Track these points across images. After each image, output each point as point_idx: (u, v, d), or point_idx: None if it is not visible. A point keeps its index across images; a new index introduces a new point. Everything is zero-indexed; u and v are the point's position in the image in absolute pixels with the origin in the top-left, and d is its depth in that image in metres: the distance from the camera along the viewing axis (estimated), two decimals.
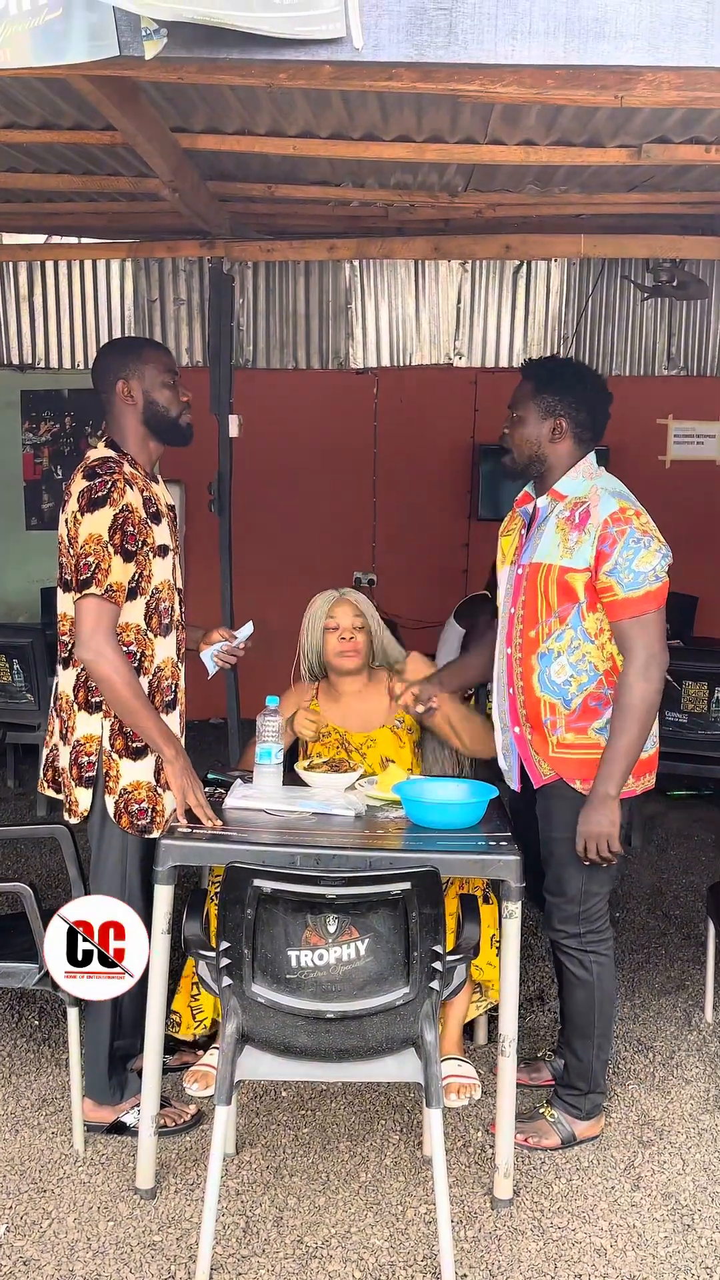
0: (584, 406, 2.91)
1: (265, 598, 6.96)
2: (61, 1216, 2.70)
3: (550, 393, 2.90)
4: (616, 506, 2.77)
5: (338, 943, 2.38)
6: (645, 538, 2.75)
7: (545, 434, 2.90)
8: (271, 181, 3.82)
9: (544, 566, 2.83)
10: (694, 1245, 2.64)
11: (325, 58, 1.79)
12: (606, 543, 2.74)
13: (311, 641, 3.45)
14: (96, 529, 2.73)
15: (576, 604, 2.80)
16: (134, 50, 1.75)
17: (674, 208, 3.97)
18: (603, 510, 2.77)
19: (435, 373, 5.04)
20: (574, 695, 2.83)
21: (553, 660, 2.84)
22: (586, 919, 2.91)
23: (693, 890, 4.77)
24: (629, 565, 2.72)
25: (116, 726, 2.83)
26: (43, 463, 7.43)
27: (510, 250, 4.42)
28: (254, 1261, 2.55)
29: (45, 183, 3.74)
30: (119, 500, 2.76)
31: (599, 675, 2.82)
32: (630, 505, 2.80)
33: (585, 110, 2.81)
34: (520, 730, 2.95)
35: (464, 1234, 2.66)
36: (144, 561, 2.83)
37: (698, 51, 1.79)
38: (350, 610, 3.41)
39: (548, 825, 2.90)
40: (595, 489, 2.84)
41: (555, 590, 2.82)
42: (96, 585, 2.72)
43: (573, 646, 2.82)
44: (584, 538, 2.77)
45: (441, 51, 1.79)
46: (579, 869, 2.85)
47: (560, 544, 2.82)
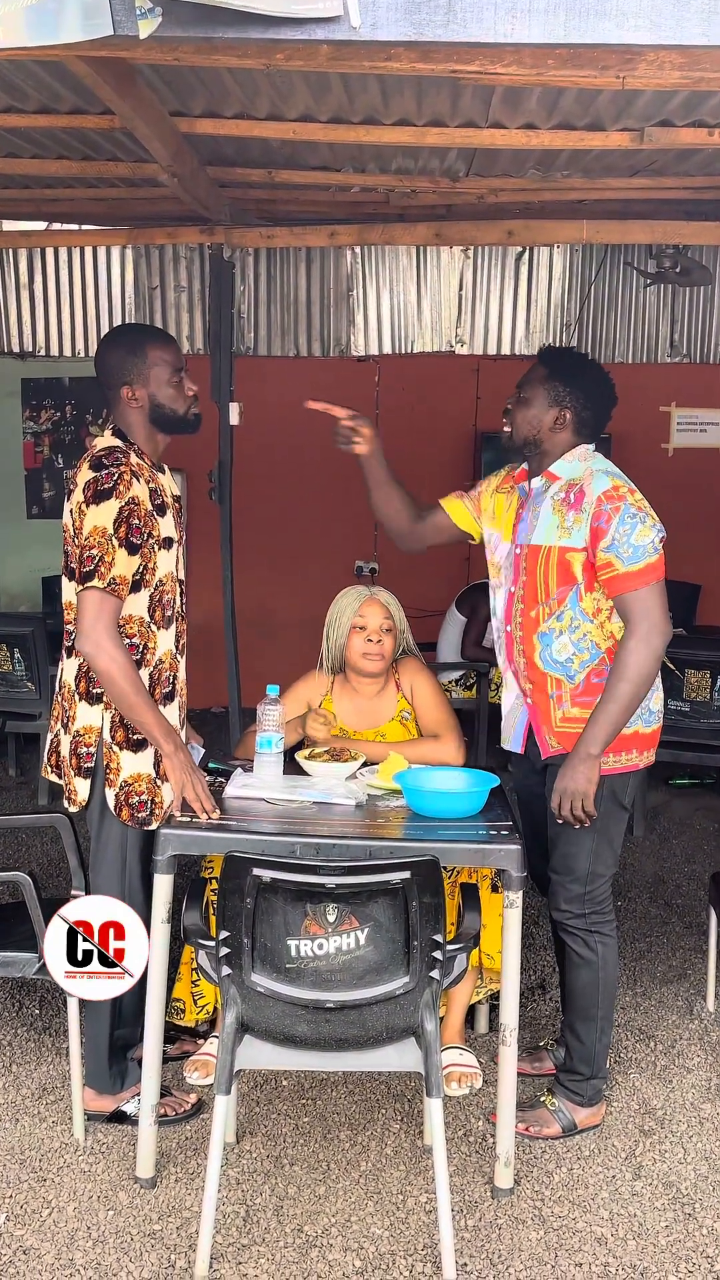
0: (590, 404, 2.94)
1: (267, 586, 6.98)
2: (62, 1205, 2.70)
3: (561, 382, 2.93)
4: (609, 484, 2.81)
5: (337, 932, 2.37)
6: (640, 513, 2.79)
7: (548, 421, 2.93)
8: (271, 167, 3.79)
9: (544, 549, 2.87)
10: (695, 1234, 2.64)
11: (322, 37, 1.77)
12: (601, 519, 2.78)
13: (336, 637, 3.40)
14: (101, 521, 2.71)
15: (574, 585, 2.83)
16: (128, 29, 1.73)
17: (677, 193, 3.94)
18: (596, 488, 2.82)
19: (437, 360, 5.01)
20: (577, 672, 2.86)
21: (554, 639, 2.87)
22: (591, 900, 2.91)
23: (695, 879, 4.76)
24: (627, 540, 2.76)
25: (117, 718, 2.82)
26: (43, 451, 7.40)
27: (512, 236, 4.39)
28: (254, 1250, 2.55)
29: (44, 168, 3.71)
30: (125, 493, 2.73)
31: (601, 653, 2.85)
32: (624, 483, 2.84)
33: (587, 93, 2.79)
34: (530, 701, 2.97)
35: (464, 1223, 2.65)
36: (149, 554, 2.81)
37: (700, 30, 1.76)
38: (380, 612, 3.37)
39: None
40: (589, 470, 2.88)
41: (555, 572, 2.85)
42: (99, 578, 2.70)
43: (573, 626, 2.85)
44: (580, 516, 2.82)
45: (440, 30, 1.77)
46: (588, 850, 2.87)
47: (558, 525, 2.86)
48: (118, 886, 2.84)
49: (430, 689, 3.40)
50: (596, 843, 2.87)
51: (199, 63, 2.34)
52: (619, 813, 2.92)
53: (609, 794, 2.85)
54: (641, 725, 2.87)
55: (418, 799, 2.86)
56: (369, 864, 2.41)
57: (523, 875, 2.65)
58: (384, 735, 3.39)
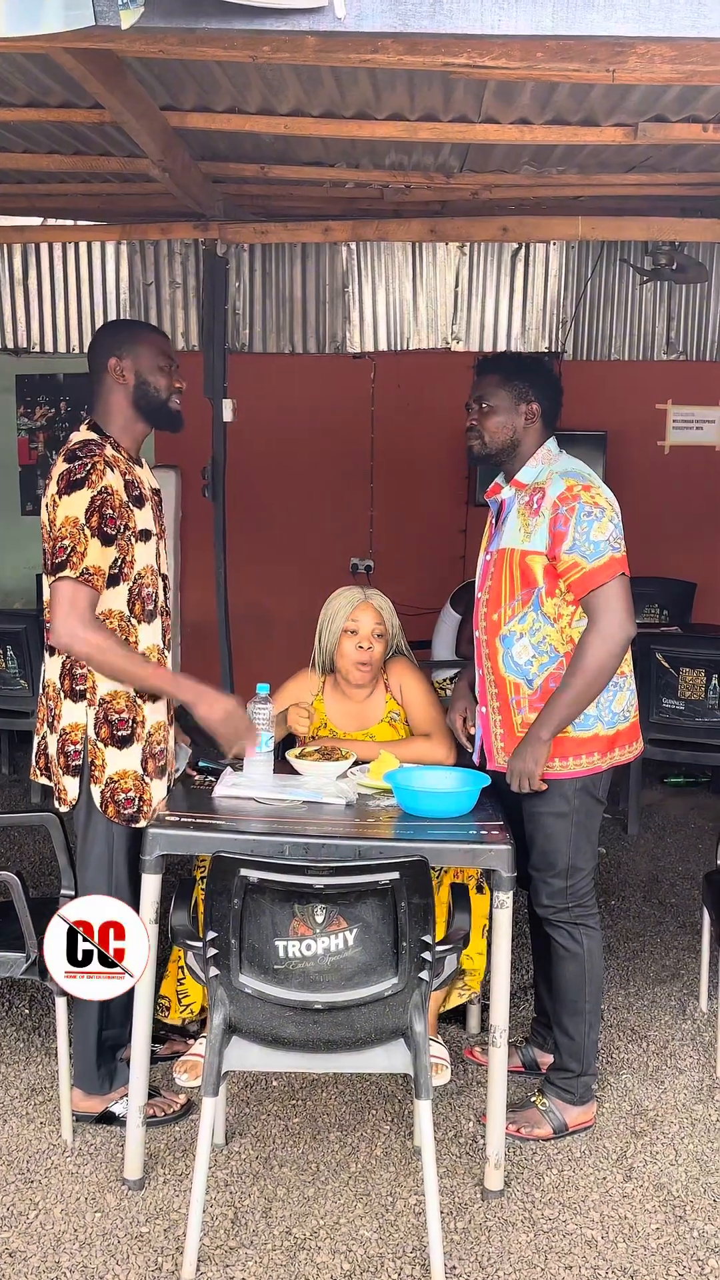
0: (549, 392, 2.99)
1: (260, 583, 6.95)
2: (49, 1207, 2.68)
3: (519, 379, 2.97)
4: (564, 486, 2.83)
5: (326, 933, 2.35)
6: (595, 509, 2.80)
7: (521, 419, 2.96)
8: (264, 162, 3.77)
9: (508, 552, 2.90)
10: (685, 1237, 2.62)
11: (307, 28, 1.75)
12: (559, 523, 2.80)
13: (328, 640, 3.37)
14: (73, 511, 2.68)
15: (536, 588, 2.85)
16: (110, 20, 1.71)
17: (673, 189, 3.92)
18: (552, 492, 2.84)
19: (433, 357, 4.99)
20: (535, 675, 2.88)
21: (514, 642, 2.89)
22: (574, 894, 2.93)
23: (689, 878, 4.74)
24: (586, 537, 2.78)
25: (101, 715, 2.80)
26: (38, 448, 7.37)
27: (507, 232, 4.37)
28: (242, 1253, 2.53)
29: (36, 163, 3.69)
30: (98, 482, 2.70)
31: (559, 656, 2.86)
32: (578, 482, 2.84)
33: (580, 87, 2.77)
34: (487, 710, 3.01)
35: (454, 1225, 2.64)
36: (125, 546, 2.77)
37: (688, 22, 1.75)
38: (373, 617, 3.32)
39: (531, 801, 2.91)
40: (549, 473, 2.90)
41: (518, 574, 2.88)
42: (70, 568, 2.66)
43: (534, 629, 2.86)
44: (539, 521, 2.84)
45: (426, 21, 1.75)
46: (565, 845, 2.89)
47: (521, 529, 2.88)
48: (104, 885, 2.82)
49: (420, 688, 3.38)
50: (574, 837, 2.89)
51: (186, 55, 2.32)
52: (594, 806, 2.94)
53: (581, 789, 2.87)
54: (602, 728, 2.88)
55: (408, 798, 2.84)
56: (358, 864, 2.40)
57: (513, 875, 2.63)
58: (373, 737, 3.37)
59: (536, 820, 2.92)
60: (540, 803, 2.90)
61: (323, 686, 3.43)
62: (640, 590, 3.25)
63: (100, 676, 2.78)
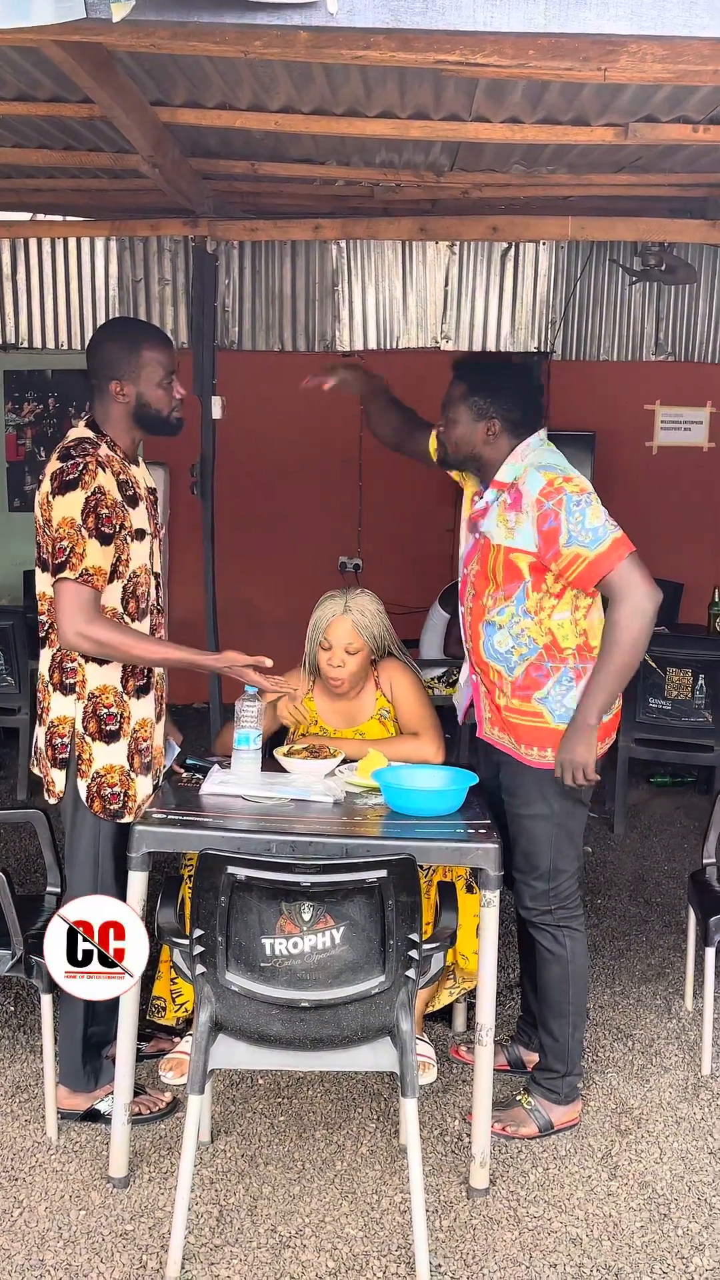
0: (516, 404, 2.94)
1: (249, 581, 6.94)
2: (33, 1205, 2.67)
3: (480, 395, 2.93)
4: (544, 481, 2.80)
5: (312, 931, 2.35)
6: (582, 495, 2.78)
7: (480, 437, 2.95)
8: (255, 159, 3.75)
9: (493, 546, 2.89)
10: (670, 1235, 2.63)
11: (299, 23, 1.74)
12: (549, 520, 2.77)
13: (310, 647, 3.37)
14: (69, 512, 2.70)
15: (521, 582, 2.84)
16: (101, 12, 1.70)
17: (663, 190, 3.93)
18: (531, 489, 2.81)
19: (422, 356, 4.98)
20: (516, 664, 2.87)
21: (495, 631, 2.89)
22: (556, 896, 2.92)
23: (675, 877, 4.75)
24: (581, 526, 2.75)
25: (90, 709, 2.79)
26: (26, 444, 7.36)
27: (497, 232, 4.37)
28: (227, 1251, 2.53)
29: (25, 157, 3.67)
30: (90, 483, 2.71)
31: (539, 649, 2.85)
32: (558, 474, 2.82)
33: (571, 86, 2.77)
34: (476, 679, 3.01)
35: (439, 1223, 2.64)
36: (122, 546, 2.79)
37: (681, 20, 1.74)
38: (347, 632, 3.27)
39: (513, 802, 2.91)
40: (525, 468, 2.87)
41: (501, 569, 2.87)
42: (70, 569, 2.68)
43: (513, 621, 2.86)
44: (522, 518, 2.82)
45: (419, 18, 1.74)
46: (546, 847, 2.88)
47: (502, 525, 2.87)
48: (90, 881, 2.81)
49: (410, 686, 3.38)
50: (556, 838, 2.89)
51: (177, 50, 2.31)
52: (577, 809, 2.93)
53: (562, 789, 2.86)
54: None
55: (396, 797, 2.84)
56: (345, 862, 2.39)
57: (500, 874, 2.63)
58: (363, 734, 3.36)
59: (518, 822, 2.91)
60: (521, 804, 2.90)
61: (312, 685, 3.42)
62: None
63: (90, 670, 2.79)
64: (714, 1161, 2.91)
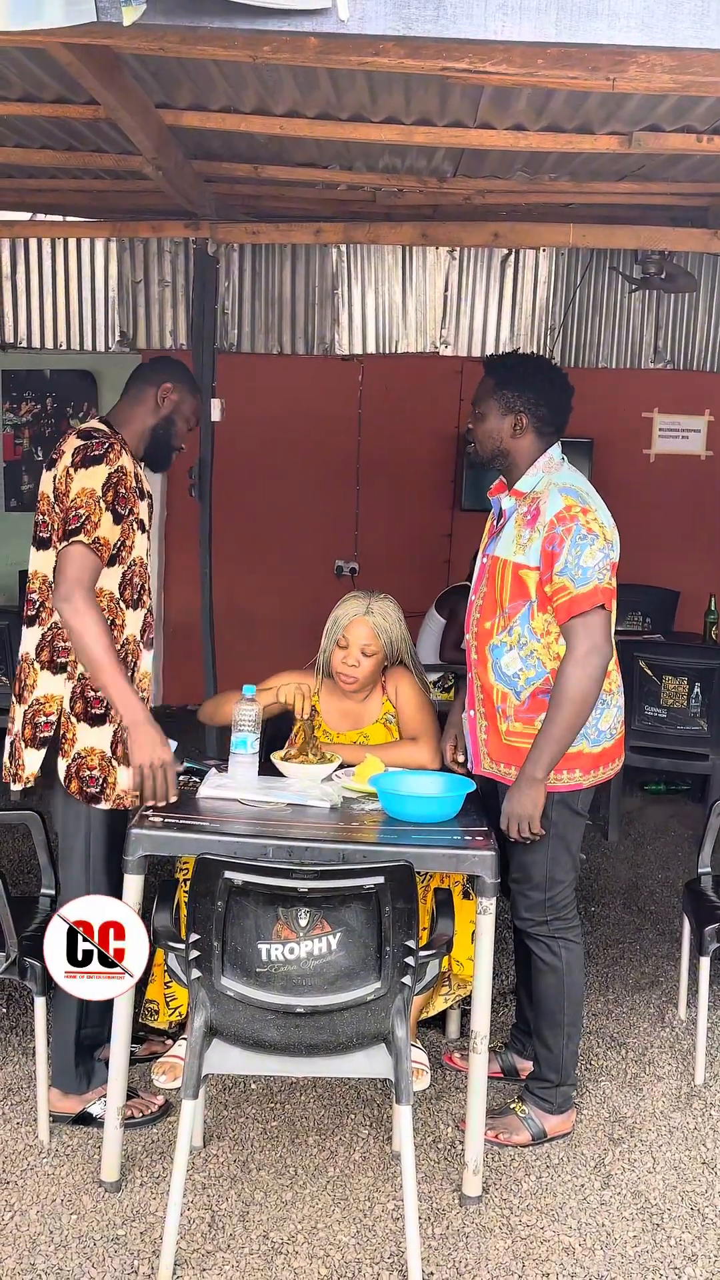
0: (544, 402, 2.93)
1: (246, 584, 6.94)
2: (24, 1209, 2.66)
3: (511, 389, 2.92)
4: (563, 504, 2.78)
5: (309, 936, 2.34)
6: (590, 535, 2.76)
7: (507, 430, 2.93)
8: (258, 162, 3.76)
9: (501, 561, 2.88)
10: (662, 1245, 2.63)
11: (310, 29, 1.74)
12: (555, 542, 2.76)
13: (326, 645, 3.36)
14: (90, 484, 2.76)
15: (528, 601, 2.83)
16: (111, 16, 1.70)
17: (664, 198, 3.94)
18: (550, 508, 2.79)
19: (421, 361, 4.99)
20: (523, 688, 2.85)
21: (504, 653, 2.87)
22: (552, 907, 2.91)
23: (669, 886, 4.75)
24: (577, 562, 2.74)
25: (79, 690, 2.82)
26: (23, 444, 7.34)
27: (498, 238, 4.38)
28: (219, 1257, 2.52)
29: (28, 157, 3.67)
30: (115, 460, 2.81)
31: (546, 672, 2.83)
32: (578, 502, 2.80)
33: (576, 95, 2.77)
34: (474, 714, 2.99)
35: (432, 1231, 2.63)
36: (129, 531, 2.85)
37: (691, 32, 1.75)
38: (365, 634, 3.28)
39: None
40: (548, 485, 2.86)
41: (510, 585, 2.85)
42: (85, 534, 2.73)
43: (521, 642, 2.84)
44: (534, 535, 2.81)
45: (430, 25, 1.74)
46: (543, 858, 2.87)
47: (516, 540, 2.86)
48: (83, 880, 2.82)
49: (414, 693, 3.38)
50: (554, 850, 2.88)
51: (185, 53, 2.31)
52: (575, 820, 2.92)
53: (561, 803, 2.85)
54: (587, 745, 2.85)
55: (393, 803, 2.84)
56: (342, 868, 2.39)
57: (496, 882, 2.63)
58: (366, 736, 3.36)
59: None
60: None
61: (321, 686, 3.42)
62: (624, 598, 3.25)
63: None
64: (707, 1171, 2.90)
